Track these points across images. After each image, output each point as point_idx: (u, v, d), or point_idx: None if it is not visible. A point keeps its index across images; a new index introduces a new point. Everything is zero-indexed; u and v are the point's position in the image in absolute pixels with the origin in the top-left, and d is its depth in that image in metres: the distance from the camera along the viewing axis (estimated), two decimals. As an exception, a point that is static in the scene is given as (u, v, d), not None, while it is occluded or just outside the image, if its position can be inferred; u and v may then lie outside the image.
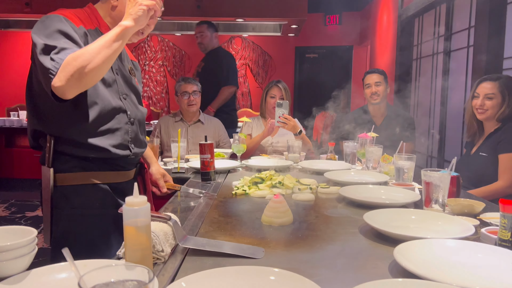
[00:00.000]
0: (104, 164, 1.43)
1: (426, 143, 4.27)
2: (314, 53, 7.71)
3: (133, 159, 1.53)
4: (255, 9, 4.74)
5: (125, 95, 1.49)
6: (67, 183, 1.38)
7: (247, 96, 7.78)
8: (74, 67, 1.19)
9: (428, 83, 4.28)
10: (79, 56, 1.20)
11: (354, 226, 1.25)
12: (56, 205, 1.38)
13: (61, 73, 1.19)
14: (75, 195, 1.39)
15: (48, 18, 1.32)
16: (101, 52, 1.22)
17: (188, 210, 1.44)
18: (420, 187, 1.67)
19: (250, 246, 1.05)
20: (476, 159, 2.26)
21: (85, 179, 1.40)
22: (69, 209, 1.39)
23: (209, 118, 3.20)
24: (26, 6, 4.74)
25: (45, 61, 1.22)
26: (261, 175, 1.81)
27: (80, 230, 1.39)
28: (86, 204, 1.40)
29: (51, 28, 1.28)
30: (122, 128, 1.45)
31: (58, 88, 1.20)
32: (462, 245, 0.99)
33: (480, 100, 2.22)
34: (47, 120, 1.37)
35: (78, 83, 1.21)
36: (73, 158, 1.38)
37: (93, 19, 1.46)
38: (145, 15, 1.28)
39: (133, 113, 1.51)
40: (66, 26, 1.30)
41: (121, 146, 1.45)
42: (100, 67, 1.23)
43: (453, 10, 3.75)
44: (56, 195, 1.38)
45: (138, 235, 0.84)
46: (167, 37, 7.59)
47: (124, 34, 1.27)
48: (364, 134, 2.35)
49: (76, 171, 1.39)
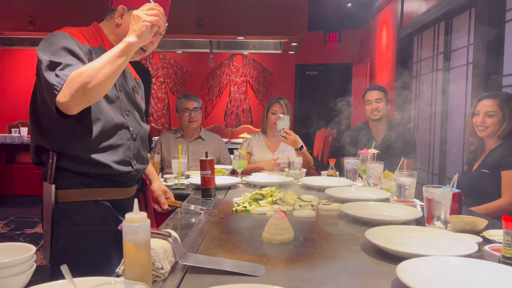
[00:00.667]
0: (106, 180, 1.43)
1: (427, 159, 4.27)
2: (314, 71, 7.77)
3: (135, 175, 1.53)
4: (256, 27, 4.79)
5: (127, 111, 1.50)
6: (68, 200, 1.38)
7: (248, 112, 7.81)
8: (78, 83, 1.20)
9: (428, 100, 4.30)
10: (83, 72, 1.22)
11: (355, 243, 1.24)
12: (56, 221, 1.38)
13: (66, 89, 1.21)
14: (76, 211, 1.38)
15: (54, 35, 1.34)
16: (105, 67, 1.23)
17: (188, 226, 1.43)
18: (421, 203, 1.66)
19: (250, 263, 1.04)
20: (478, 175, 2.25)
21: (87, 196, 1.40)
22: (69, 225, 1.38)
23: (209, 135, 3.21)
24: (30, 24, 4.80)
25: (50, 77, 1.23)
26: (262, 191, 1.80)
27: (80, 247, 1.38)
28: (86, 220, 1.39)
29: (57, 45, 1.30)
30: (125, 144, 1.45)
31: (62, 103, 1.21)
32: (465, 263, 0.98)
33: (481, 117, 2.22)
34: (50, 136, 1.37)
35: (82, 98, 1.22)
36: (75, 175, 1.38)
37: (98, 37, 1.48)
38: (148, 31, 1.30)
39: (136, 129, 1.51)
40: (71, 43, 1.32)
41: (123, 162, 1.45)
42: (104, 83, 1.24)
43: (452, 28, 3.79)
44: (57, 212, 1.38)
45: (138, 252, 0.83)
46: (168, 54, 7.66)
47: (128, 50, 1.28)
48: (365, 150, 2.34)
49: (78, 188, 1.39)
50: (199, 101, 3.12)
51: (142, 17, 1.29)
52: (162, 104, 7.80)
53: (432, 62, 4.20)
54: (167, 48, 6.02)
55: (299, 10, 4.76)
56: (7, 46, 5.78)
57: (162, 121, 7.81)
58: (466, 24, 3.48)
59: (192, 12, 4.78)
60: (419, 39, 4.60)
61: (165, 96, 7.79)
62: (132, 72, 1.67)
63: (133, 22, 1.30)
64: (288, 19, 4.76)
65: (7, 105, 7.19)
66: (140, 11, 1.31)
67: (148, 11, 1.30)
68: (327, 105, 7.52)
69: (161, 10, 1.33)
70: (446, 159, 3.90)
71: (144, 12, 1.30)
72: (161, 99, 7.79)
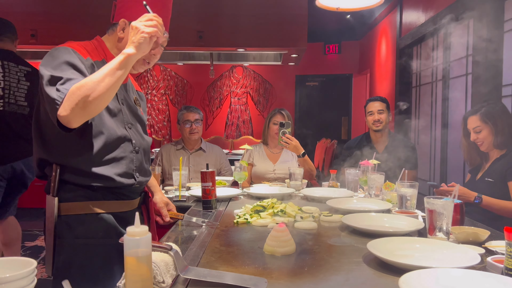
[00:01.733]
0: (108, 193, 1.43)
1: (428, 170, 4.26)
2: (314, 81, 7.81)
3: (137, 188, 1.53)
4: (256, 39, 4.83)
5: (130, 124, 1.50)
6: (71, 212, 1.38)
7: (248, 123, 7.83)
8: (78, 96, 1.20)
9: (428, 110, 4.31)
10: (83, 86, 1.22)
11: (357, 255, 1.23)
12: (59, 234, 1.37)
13: (66, 103, 1.21)
14: (78, 224, 1.38)
15: (56, 50, 1.35)
16: (105, 80, 1.23)
17: (190, 239, 1.42)
18: (423, 214, 1.65)
19: (252, 276, 1.04)
20: (482, 184, 2.25)
21: (89, 209, 1.39)
22: (71, 238, 1.37)
23: (210, 146, 3.21)
24: (32, 37, 4.83)
25: (51, 92, 1.24)
26: (263, 203, 1.80)
27: (83, 260, 1.37)
28: (89, 233, 1.39)
29: (58, 59, 1.30)
30: (127, 156, 1.45)
31: (63, 117, 1.22)
32: (468, 275, 0.97)
33: (472, 135, 2.29)
34: (53, 149, 1.37)
35: (82, 111, 1.22)
36: (78, 187, 1.38)
37: (100, 51, 1.49)
38: (147, 42, 1.29)
39: (138, 142, 1.52)
40: (73, 57, 1.33)
41: (126, 175, 1.45)
42: (104, 95, 1.24)
43: (451, 39, 3.81)
44: (60, 225, 1.37)
45: (139, 265, 0.83)
46: (169, 66, 7.71)
47: (127, 62, 1.28)
48: (365, 161, 2.34)
49: (80, 200, 1.39)
50: (200, 113, 3.14)
51: (140, 28, 1.28)
52: (162, 115, 7.82)
53: (432, 73, 4.22)
54: (168, 60, 6.06)
55: (299, 22, 4.80)
56: (9, 59, 5.81)
57: (163, 132, 7.82)
58: (465, 35, 3.51)
59: (193, 24, 4.82)
60: (418, 50, 4.63)
61: (166, 107, 7.82)
62: (134, 85, 1.68)
63: (131, 34, 1.30)
64: (288, 31, 4.80)
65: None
66: (138, 22, 1.30)
67: (147, 22, 1.30)
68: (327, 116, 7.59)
69: (160, 21, 1.32)
70: (447, 169, 3.89)
71: (143, 23, 1.29)
72: (162, 110, 7.82)
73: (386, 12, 5.48)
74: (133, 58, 1.29)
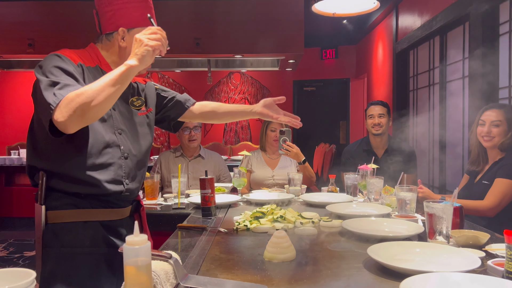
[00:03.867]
0: (96, 200, 1.42)
1: (427, 173, 4.26)
2: (311, 86, 7.83)
3: (127, 196, 1.49)
4: (253, 46, 4.85)
5: (120, 130, 1.48)
6: (58, 221, 1.37)
7: (247, 129, 7.84)
8: (77, 103, 1.20)
9: (426, 114, 4.32)
10: (82, 93, 1.22)
11: (358, 260, 1.23)
12: (46, 243, 1.36)
13: (64, 109, 1.21)
14: (65, 233, 1.37)
15: (48, 57, 1.36)
16: (105, 90, 1.24)
17: (189, 247, 1.42)
18: (423, 218, 1.65)
19: (252, 284, 1.03)
20: (479, 187, 2.25)
21: (76, 217, 1.38)
22: (58, 247, 1.36)
23: (209, 153, 3.21)
24: (29, 46, 4.84)
25: (48, 96, 1.24)
26: (262, 209, 1.79)
27: (69, 270, 1.35)
28: (75, 242, 1.37)
29: (51, 65, 1.31)
30: (115, 163, 1.43)
31: (60, 123, 1.21)
32: (469, 278, 0.97)
33: (487, 127, 2.22)
34: (42, 155, 1.38)
35: (80, 119, 1.23)
36: (65, 195, 1.38)
37: (94, 57, 1.49)
38: (150, 55, 1.30)
39: (127, 148, 1.48)
40: (65, 63, 1.34)
41: (114, 182, 1.43)
42: (103, 105, 1.24)
43: (447, 42, 3.84)
44: (47, 233, 1.37)
45: (139, 275, 0.82)
46: (167, 73, 7.72)
47: (129, 74, 1.28)
48: (364, 165, 2.34)
49: (68, 209, 1.38)
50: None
51: (144, 41, 1.29)
52: (161, 123, 7.82)
53: (429, 76, 4.24)
54: (165, 67, 6.08)
55: (296, 27, 4.83)
56: (7, 69, 5.83)
57: (161, 139, 7.82)
58: (461, 38, 3.52)
59: (190, 31, 4.83)
60: (414, 54, 4.65)
61: (164, 115, 7.82)
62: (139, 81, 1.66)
63: (135, 46, 1.30)
64: (285, 37, 4.82)
65: (6, 127, 7.20)
66: (142, 35, 1.30)
67: (151, 36, 1.30)
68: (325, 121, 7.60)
69: (164, 34, 1.33)
70: (446, 172, 3.89)
71: (147, 36, 1.30)
72: (160, 118, 7.82)
73: (382, 17, 5.51)
74: (135, 70, 1.29)
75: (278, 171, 2.98)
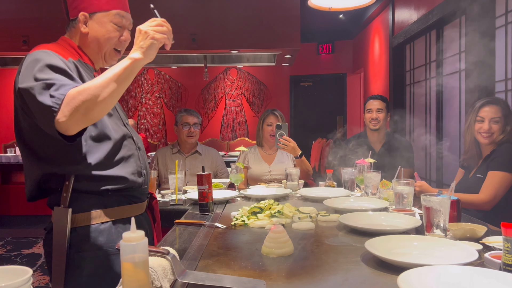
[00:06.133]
0: (122, 197, 1.40)
1: (424, 167, 4.27)
2: (308, 82, 7.82)
3: (145, 188, 1.51)
4: (249, 41, 4.83)
5: (126, 122, 1.50)
6: (87, 223, 1.32)
7: (244, 125, 7.83)
8: (79, 101, 1.13)
9: (422, 108, 4.33)
10: (84, 90, 1.15)
11: (355, 254, 1.23)
12: (78, 248, 1.31)
13: (65, 108, 1.13)
14: (98, 234, 1.33)
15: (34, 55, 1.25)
16: (109, 85, 1.17)
17: (187, 243, 1.42)
18: (420, 212, 1.66)
19: (250, 279, 1.03)
20: (474, 181, 2.26)
21: (106, 217, 1.35)
22: (94, 251, 1.32)
23: (206, 149, 3.21)
24: (24, 43, 4.81)
25: (45, 99, 1.15)
26: (260, 204, 1.79)
27: (109, 271, 1.33)
28: (109, 243, 1.34)
29: (42, 63, 1.22)
30: (134, 154, 1.44)
31: (61, 123, 1.14)
32: (466, 271, 0.97)
33: (487, 124, 2.21)
34: (59, 160, 1.31)
35: (83, 117, 1.16)
36: (91, 195, 1.34)
37: (72, 50, 1.42)
38: (155, 48, 1.24)
39: (137, 138, 1.51)
40: (57, 60, 1.25)
41: (137, 173, 1.43)
42: (107, 102, 1.17)
43: (443, 36, 3.83)
44: (77, 237, 1.31)
45: (136, 271, 0.82)
46: (163, 70, 7.70)
47: (134, 68, 1.21)
48: (361, 160, 2.35)
49: (96, 209, 1.34)
50: (200, 118, 3.15)
51: (150, 33, 1.22)
52: (158, 119, 7.81)
53: (425, 70, 4.24)
54: (161, 63, 6.04)
55: (292, 22, 4.81)
56: (1, 66, 5.79)
57: (158, 136, 7.80)
58: (457, 32, 3.52)
59: (186, 27, 4.81)
60: (411, 48, 4.64)
61: (160, 111, 7.81)
62: None
63: (139, 38, 1.23)
64: (281, 32, 4.80)
65: (2, 125, 7.17)
66: (147, 27, 1.24)
67: (157, 28, 1.24)
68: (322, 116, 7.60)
69: (169, 27, 1.27)
70: (443, 166, 3.90)
71: (152, 28, 1.23)
72: (156, 114, 7.80)
73: (379, 11, 5.50)
74: (139, 63, 1.22)
75: (275, 166, 2.98)
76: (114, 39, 1.43)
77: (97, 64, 1.49)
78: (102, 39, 1.41)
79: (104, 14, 1.39)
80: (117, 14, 1.41)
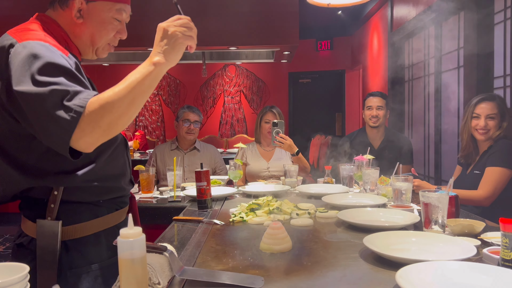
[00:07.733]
0: (112, 204, 1.28)
1: (423, 163, 4.28)
2: (307, 78, 7.81)
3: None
4: (248, 38, 4.82)
5: None
6: (77, 236, 1.17)
7: (243, 122, 7.82)
8: (101, 116, 0.97)
9: (421, 104, 4.33)
10: (107, 103, 0.98)
11: (354, 250, 1.23)
12: (69, 264, 1.15)
13: (85, 125, 0.96)
14: (91, 247, 1.19)
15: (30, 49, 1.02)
16: (133, 97, 1.01)
17: (185, 239, 1.41)
18: (419, 208, 1.66)
19: (249, 275, 1.03)
20: (471, 177, 2.26)
21: (97, 227, 1.21)
22: (88, 265, 1.18)
23: (204, 146, 3.20)
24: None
25: (60, 113, 0.96)
26: (258, 201, 1.79)
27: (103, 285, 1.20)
28: (102, 255, 1.22)
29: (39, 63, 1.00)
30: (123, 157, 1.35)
31: (80, 142, 0.98)
32: (465, 267, 0.97)
33: (483, 120, 2.22)
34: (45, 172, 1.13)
35: (105, 134, 1.01)
36: (81, 205, 1.19)
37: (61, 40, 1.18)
38: (181, 52, 1.09)
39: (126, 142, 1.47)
40: (60, 58, 1.05)
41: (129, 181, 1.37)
42: (131, 116, 1.03)
43: (442, 32, 3.82)
44: (68, 252, 1.15)
45: (134, 267, 0.82)
46: (161, 66, 7.67)
47: (158, 74, 1.06)
48: (360, 156, 2.34)
49: (87, 220, 1.19)
50: (201, 116, 3.16)
51: (178, 34, 1.07)
52: (156, 116, 7.79)
53: (424, 67, 4.23)
54: (159, 60, 6.02)
55: (290, 19, 4.79)
56: None
57: (157, 133, 7.79)
58: (456, 28, 3.51)
59: (184, 24, 4.79)
60: (409, 44, 4.64)
61: (159, 108, 7.79)
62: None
63: (164, 39, 1.07)
64: (280, 28, 4.79)
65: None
66: (174, 27, 1.08)
67: (183, 29, 1.08)
68: (321, 112, 7.59)
69: (194, 27, 1.11)
70: (441, 162, 3.91)
71: (180, 30, 1.07)
72: (155, 111, 7.79)
73: (377, 7, 5.49)
74: (164, 68, 1.07)
75: (273, 163, 2.98)
76: (111, 35, 1.26)
77: (86, 56, 1.28)
78: (97, 36, 1.23)
79: (106, 4, 1.20)
80: (120, 9, 1.23)
